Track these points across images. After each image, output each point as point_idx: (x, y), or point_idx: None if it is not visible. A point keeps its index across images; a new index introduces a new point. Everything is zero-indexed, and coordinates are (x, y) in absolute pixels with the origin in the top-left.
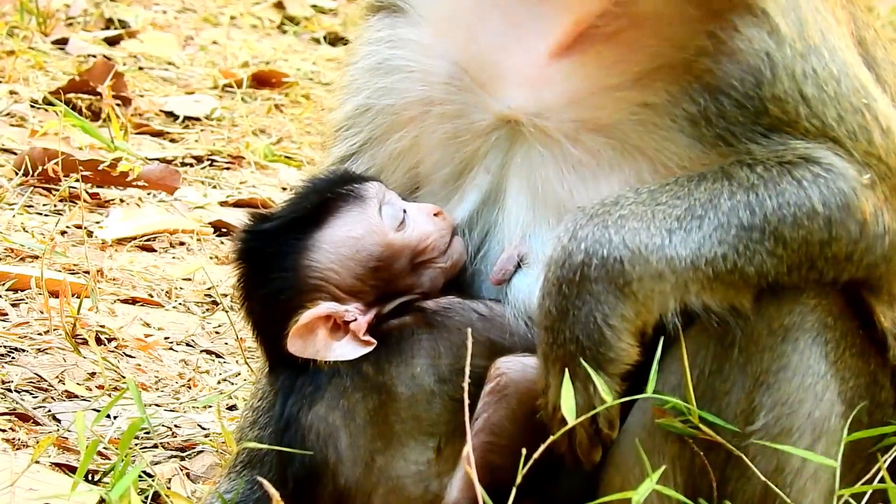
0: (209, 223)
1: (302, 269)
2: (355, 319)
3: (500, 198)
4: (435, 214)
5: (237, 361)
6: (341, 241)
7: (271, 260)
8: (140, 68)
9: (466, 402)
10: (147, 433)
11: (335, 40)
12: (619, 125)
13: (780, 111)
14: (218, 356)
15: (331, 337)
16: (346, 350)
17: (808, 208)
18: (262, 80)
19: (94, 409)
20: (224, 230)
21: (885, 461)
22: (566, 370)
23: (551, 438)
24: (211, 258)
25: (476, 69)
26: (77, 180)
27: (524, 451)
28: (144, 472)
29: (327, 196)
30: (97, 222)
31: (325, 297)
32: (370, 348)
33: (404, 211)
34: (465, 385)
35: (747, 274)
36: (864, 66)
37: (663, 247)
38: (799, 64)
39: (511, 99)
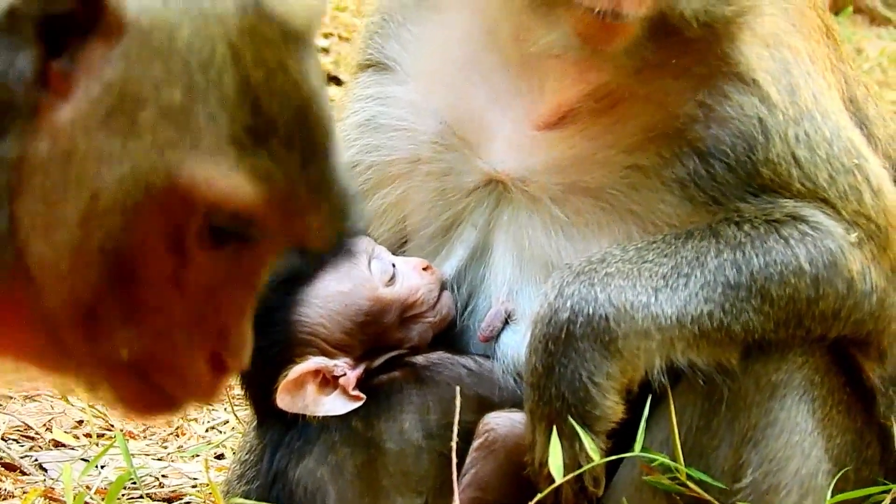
0: None
1: (291, 324)
2: (344, 374)
3: (487, 254)
4: (424, 269)
5: (225, 409)
6: (331, 296)
7: (260, 316)
8: None
9: (454, 457)
10: (134, 483)
11: (328, 79)
12: (608, 188)
13: (772, 174)
14: (206, 404)
15: (320, 392)
16: (336, 405)
17: (795, 266)
18: None
19: (83, 459)
20: None
21: None
22: (552, 427)
23: (539, 496)
24: None
25: (463, 129)
26: None
27: None
28: None
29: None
30: None
31: (315, 351)
32: (359, 403)
33: (393, 265)
34: (454, 441)
35: (734, 331)
36: (856, 127)
37: (649, 305)
38: (791, 128)
39: (496, 161)
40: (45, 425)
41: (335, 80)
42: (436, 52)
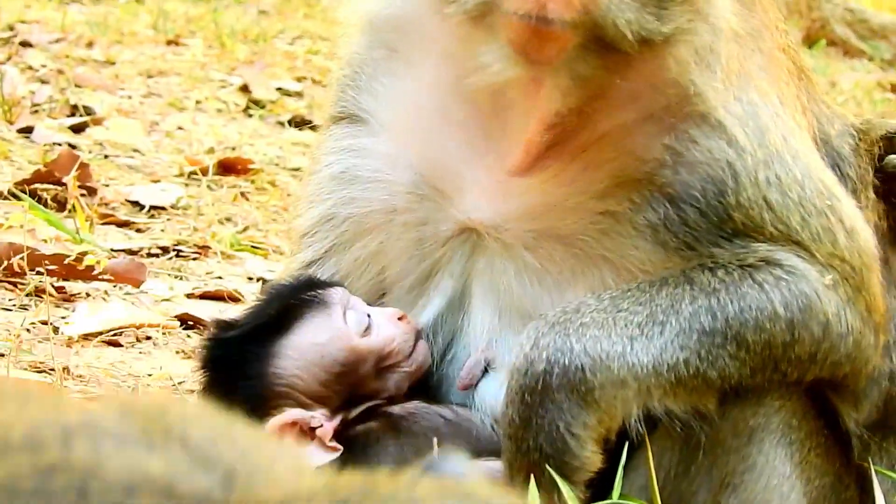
0: (175, 316)
1: (267, 377)
2: (321, 425)
3: (465, 303)
4: (399, 318)
5: None
6: (306, 348)
7: (236, 368)
8: (105, 156)
9: None
10: None
11: (301, 123)
12: (581, 234)
13: (744, 218)
14: None
15: (297, 443)
16: (313, 456)
17: (770, 311)
18: (227, 167)
19: None
20: (190, 323)
21: None
22: (531, 478)
23: None
24: (177, 353)
25: (436, 179)
26: (43, 274)
27: None
28: None
29: (291, 302)
30: (63, 317)
31: (291, 403)
32: (337, 454)
33: (369, 315)
34: None
35: (710, 378)
36: (828, 168)
37: (625, 354)
38: (762, 171)
39: (471, 210)
40: None
41: (308, 124)
42: (408, 103)
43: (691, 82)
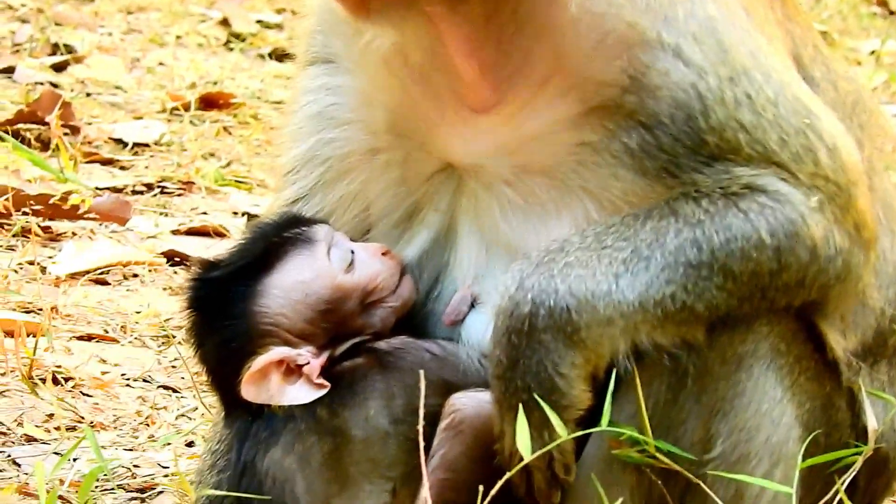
0: (161, 253)
1: (252, 316)
2: (308, 363)
3: (451, 238)
4: (383, 254)
5: (194, 396)
6: (290, 286)
7: (221, 308)
8: (88, 94)
9: (422, 442)
10: (106, 475)
11: (281, 56)
12: (559, 167)
13: (718, 140)
14: (175, 391)
15: (284, 381)
16: (300, 394)
17: (756, 240)
18: (209, 102)
19: (56, 452)
20: (177, 260)
21: (842, 483)
22: (521, 411)
23: (508, 475)
24: (164, 289)
25: (413, 118)
26: (28, 214)
27: (481, 487)
28: None
29: (275, 240)
30: (50, 257)
31: (277, 341)
32: (324, 391)
33: (352, 252)
34: (420, 425)
35: (697, 311)
36: (804, 84)
37: (610, 292)
38: (728, 90)
39: (446, 148)
40: (16, 420)
41: (289, 57)
42: (371, 47)
43: (619, 4)
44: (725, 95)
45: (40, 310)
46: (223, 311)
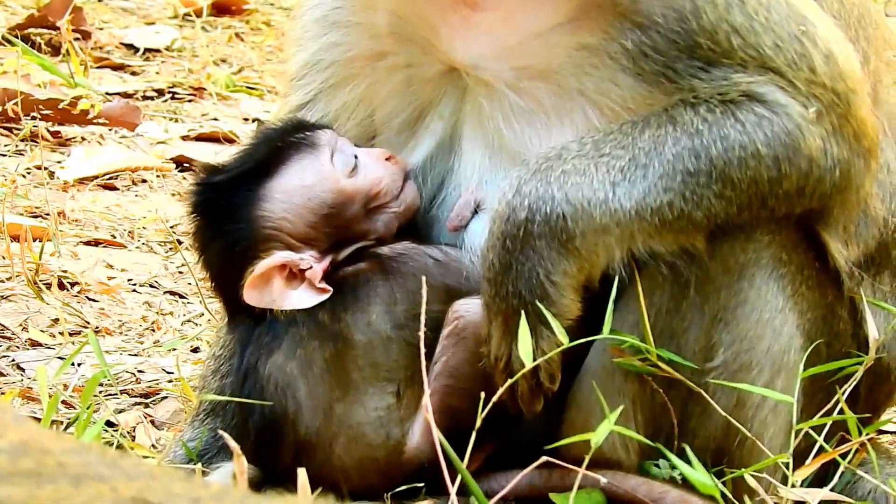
0: (171, 159)
1: (255, 220)
2: (310, 267)
3: (455, 144)
4: (387, 159)
5: (200, 302)
6: (293, 190)
7: (225, 212)
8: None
9: (423, 347)
10: (110, 381)
11: None
12: (558, 70)
13: (711, 42)
14: (181, 297)
15: (286, 286)
16: (302, 298)
17: (754, 150)
18: (221, 8)
19: (59, 357)
20: (186, 165)
21: (843, 392)
22: (508, 323)
23: (504, 387)
24: (173, 195)
25: (415, 21)
26: (37, 119)
27: (483, 394)
28: (109, 421)
29: (279, 145)
30: (58, 162)
31: (280, 246)
32: (326, 296)
33: (356, 157)
34: (422, 330)
35: (696, 219)
36: None
37: (607, 200)
38: None
39: (448, 49)
40: (21, 325)
41: None
42: None
43: None
44: None
45: (47, 214)
46: (226, 216)
